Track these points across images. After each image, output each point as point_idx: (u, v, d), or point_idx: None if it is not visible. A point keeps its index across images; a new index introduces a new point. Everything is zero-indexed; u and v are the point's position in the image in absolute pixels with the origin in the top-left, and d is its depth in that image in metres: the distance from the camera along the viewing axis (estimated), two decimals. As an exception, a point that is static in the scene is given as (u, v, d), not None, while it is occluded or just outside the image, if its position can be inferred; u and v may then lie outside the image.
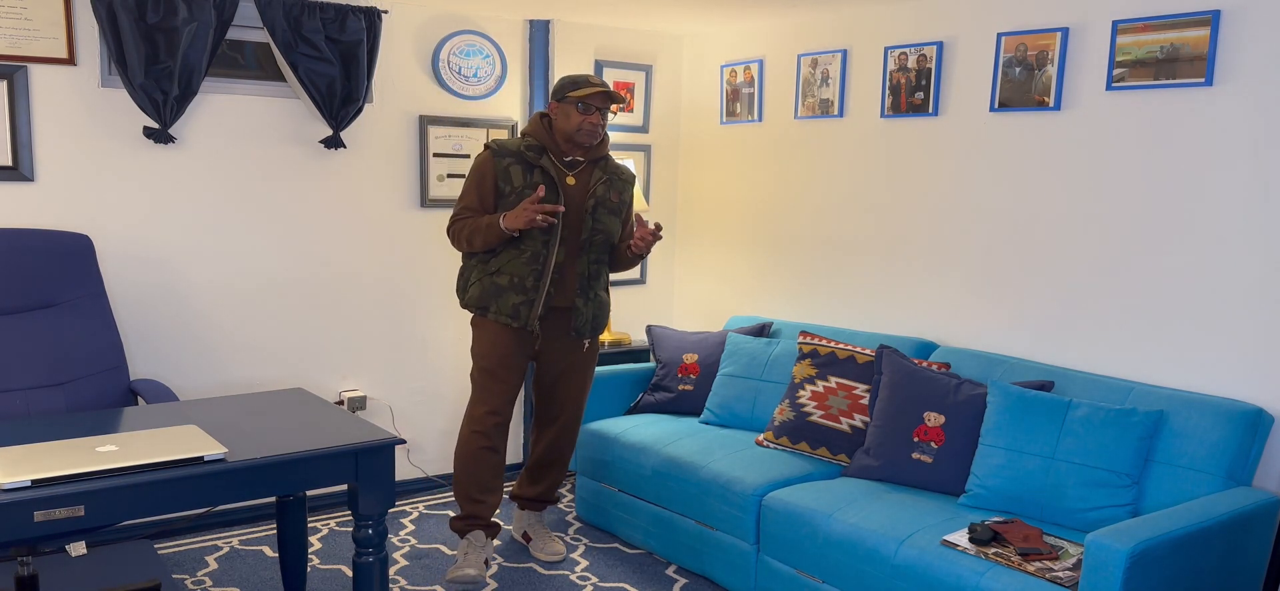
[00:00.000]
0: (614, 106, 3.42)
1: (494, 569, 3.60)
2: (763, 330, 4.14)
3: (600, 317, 3.53)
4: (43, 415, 3.01)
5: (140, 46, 3.45)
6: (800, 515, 3.10)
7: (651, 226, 3.29)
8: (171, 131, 3.68)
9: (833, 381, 3.57)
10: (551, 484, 3.77)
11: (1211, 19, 2.93)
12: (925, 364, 3.41)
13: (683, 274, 5.02)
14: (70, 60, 3.48)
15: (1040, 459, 2.97)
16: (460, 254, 3.47)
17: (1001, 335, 3.58)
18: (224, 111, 3.80)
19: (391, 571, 3.55)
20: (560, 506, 4.25)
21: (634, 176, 3.59)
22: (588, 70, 4.59)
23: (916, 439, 3.24)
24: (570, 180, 3.40)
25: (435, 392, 4.41)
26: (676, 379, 4.07)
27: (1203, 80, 2.96)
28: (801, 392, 3.61)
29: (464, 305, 3.47)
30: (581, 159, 3.43)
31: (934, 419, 3.24)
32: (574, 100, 3.35)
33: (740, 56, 4.55)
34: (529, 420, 4.39)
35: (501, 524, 3.99)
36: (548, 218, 3.20)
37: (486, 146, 3.41)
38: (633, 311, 4.94)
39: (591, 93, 3.34)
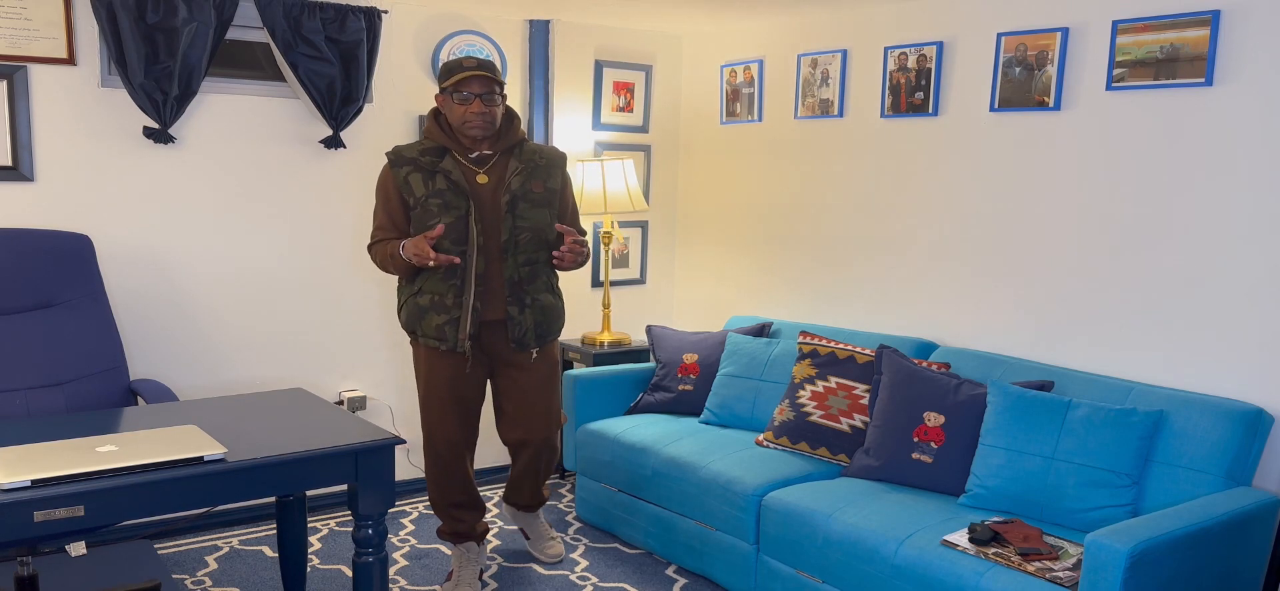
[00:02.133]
0: (494, 85, 3.05)
1: (492, 569, 3.60)
2: (763, 330, 4.14)
3: (546, 323, 3.22)
4: (43, 415, 3.01)
5: (140, 46, 3.45)
6: (800, 515, 3.10)
7: (570, 239, 3.07)
8: (171, 131, 3.68)
9: (833, 381, 3.57)
10: (534, 489, 3.59)
11: (1211, 19, 2.93)
12: (925, 364, 3.41)
13: (683, 274, 5.02)
14: (70, 60, 3.48)
15: (1040, 459, 2.97)
16: None
17: (1001, 335, 3.58)
18: (224, 111, 3.80)
19: (391, 571, 3.55)
20: (560, 506, 4.25)
21: (563, 157, 3.26)
22: (588, 71, 4.59)
23: (916, 439, 3.24)
24: (481, 178, 3.10)
25: (435, 392, 4.40)
26: (676, 379, 4.07)
27: (1203, 80, 2.96)
28: (801, 392, 3.61)
29: (403, 328, 3.26)
30: (490, 152, 3.13)
31: (934, 419, 3.24)
32: (449, 91, 3.05)
33: (740, 56, 4.55)
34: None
35: (492, 524, 4.00)
36: (444, 258, 2.96)
37: (387, 155, 3.16)
38: (633, 311, 4.94)
39: (462, 79, 3.01)
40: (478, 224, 3.07)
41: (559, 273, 3.38)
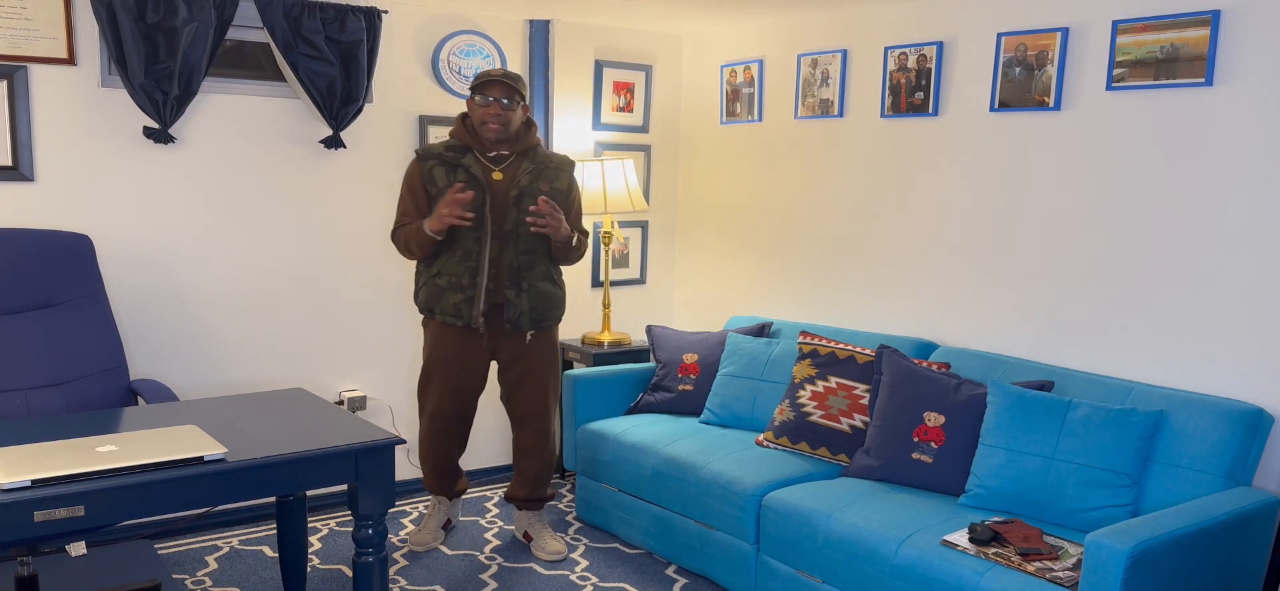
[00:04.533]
0: (515, 93, 3.40)
1: (492, 569, 3.60)
2: (763, 330, 4.14)
3: (542, 308, 3.52)
4: (43, 415, 3.01)
5: (140, 46, 3.45)
6: (800, 515, 3.10)
7: (543, 202, 3.35)
8: (171, 131, 3.68)
9: (833, 381, 3.57)
10: (537, 482, 3.75)
11: (1211, 19, 2.93)
12: (925, 364, 3.41)
13: (683, 274, 5.02)
14: (70, 60, 3.48)
15: (1040, 459, 2.97)
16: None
17: (1001, 335, 3.58)
18: (224, 111, 3.80)
19: (391, 571, 3.55)
20: (560, 506, 4.25)
21: (571, 164, 3.61)
22: (587, 71, 4.59)
23: (916, 439, 3.24)
24: (497, 175, 3.46)
25: (435, 392, 4.40)
26: (676, 379, 4.07)
27: (1203, 80, 2.96)
28: (801, 392, 3.61)
29: (418, 308, 3.61)
30: (507, 153, 3.48)
31: (934, 419, 3.24)
32: (473, 92, 3.43)
33: (740, 56, 4.55)
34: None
35: (492, 523, 4.00)
36: (463, 214, 3.27)
37: (415, 152, 3.53)
38: (633, 311, 4.94)
39: (486, 81, 3.40)
40: (490, 213, 3.41)
41: (562, 265, 3.66)
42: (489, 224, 3.42)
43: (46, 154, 3.49)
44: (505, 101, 3.40)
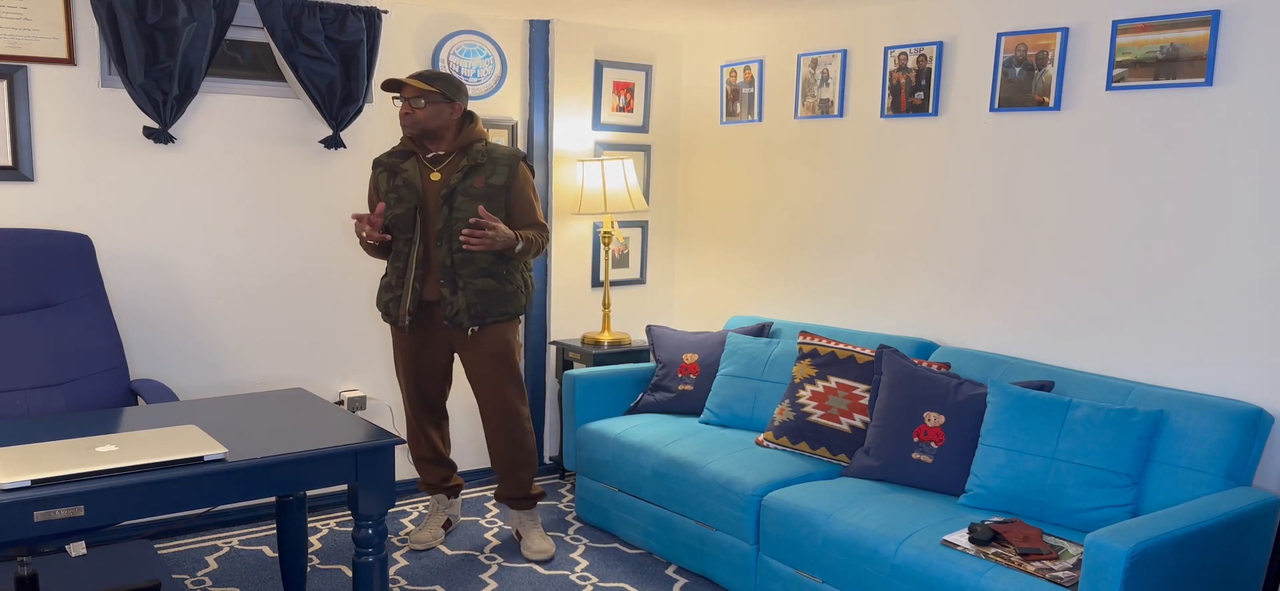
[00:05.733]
0: (427, 91, 3.40)
1: (492, 569, 3.60)
2: (763, 330, 4.14)
3: (484, 304, 3.47)
4: (43, 415, 3.01)
5: (140, 46, 3.45)
6: (800, 515, 3.10)
7: (474, 221, 3.37)
8: (171, 131, 3.68)
9: (833, 381, 3.57)
10: (511, 480, 3.73)
11: (1211, 19, 2.93)
12: (925, 364, 3.41)
13: (683, 274, 5.02)
14: (70, 60, 3.48)
15: (1040, 459, 2.97)
16: None
17: (1001, 335, 3.58)
18: (224, 111, 3.80)
19: (391, 571, 3.55)
20: (560, 506, 4.25)
21: (513, 156, 3.53)
22: (587, 71, 4.59)
23: (916, 439, 3.24)
24: (434, 176, 3.49)
25: (435, 392, 4.40)
26: (676, 379, 4.07)
27: (1203, 80, 2.96)
28: (801, 392, 3.61)
29: None
30: (444, 152, 3.50)
31: (934, 419, 3.24)
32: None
33: (740, 56, 4.55)
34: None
35: (491, 524, 4.00)
36: (370, 232, 3.40)
37: (373, 159, 3.66)
38: (633, 311, 4.94)
39: (399, 82, 3.45)
40: (421, 215, 3.47)
41: (521, 259, 3.57)
42: (417, 225, 3.46)
43: (46, 154, 3.49)
44: (411, 100, 3.42)
